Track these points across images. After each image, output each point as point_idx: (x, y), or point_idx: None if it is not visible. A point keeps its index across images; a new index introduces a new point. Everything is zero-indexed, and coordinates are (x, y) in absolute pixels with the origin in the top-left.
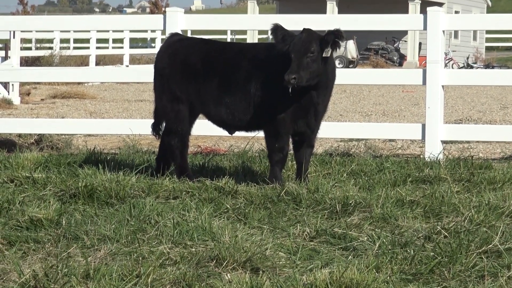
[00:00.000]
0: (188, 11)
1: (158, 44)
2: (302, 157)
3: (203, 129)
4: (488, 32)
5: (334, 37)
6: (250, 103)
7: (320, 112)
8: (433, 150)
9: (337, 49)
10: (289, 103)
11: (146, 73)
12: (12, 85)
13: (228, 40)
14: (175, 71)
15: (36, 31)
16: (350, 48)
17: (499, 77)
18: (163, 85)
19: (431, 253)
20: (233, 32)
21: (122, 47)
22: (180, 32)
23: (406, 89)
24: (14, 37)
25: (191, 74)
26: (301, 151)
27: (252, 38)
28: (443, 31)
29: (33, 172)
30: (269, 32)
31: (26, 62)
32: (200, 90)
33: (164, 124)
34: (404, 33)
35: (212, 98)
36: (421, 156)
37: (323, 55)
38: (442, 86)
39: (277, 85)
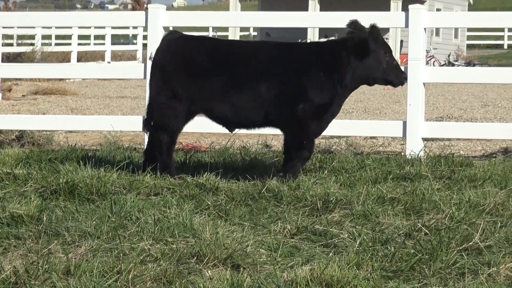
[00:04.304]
0: (170, 7)
1: (140, 41)
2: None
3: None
4: (469, 29)
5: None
6: (264, 103)
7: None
8: (414, 147)
9: None
10: (318, 104)
11: (128, 70)
12: None
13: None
14: (177, 68)
15: (18, 27)
16: None
17: (480, 74)
18: (163, 82)
19: (412, 250)
20: (215, 29)
21: (103, 44)
22: (162, 29)
23: (387, 86)
24: None
25: (195, 72)
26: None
27: (234, 35)
28: (425, 29)
29: (14, 168)
30: (351, 27)
31: (8, 58)
32: (204, 88)
33: (156, 119)
34: (386, 30)
35: (217, 96)
36: (402, 153)
37: None
38: (423, 83)
39: (304, 84)
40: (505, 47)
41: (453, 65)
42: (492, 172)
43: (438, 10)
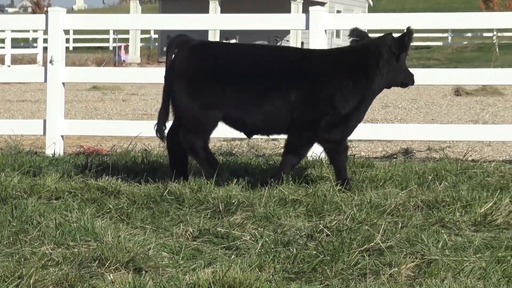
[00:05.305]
0: (70, 10)
1: (40, 44)
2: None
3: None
4: (370, 31)
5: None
6: (288, 111)
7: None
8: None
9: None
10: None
11: (28, 73)
12: None
13: (111, 39)
14: (201, 76)
15: None
16: None
17: None
18: (185, 90)
19: (314, 252)
20: (116, 31)
21: (3, 47)
22: (63, 32)
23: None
24: None
25: (220, 80)
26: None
27: (134, 37)
28: (325, 31)
29: None
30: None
31: None
32: (232, 95)
33: (187, 126)
34: (287, 32)
35: (240, 103)
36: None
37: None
38: None
39: (323, 92)
40: None
41: None
42: (393, 173)
43: (338, 11)
